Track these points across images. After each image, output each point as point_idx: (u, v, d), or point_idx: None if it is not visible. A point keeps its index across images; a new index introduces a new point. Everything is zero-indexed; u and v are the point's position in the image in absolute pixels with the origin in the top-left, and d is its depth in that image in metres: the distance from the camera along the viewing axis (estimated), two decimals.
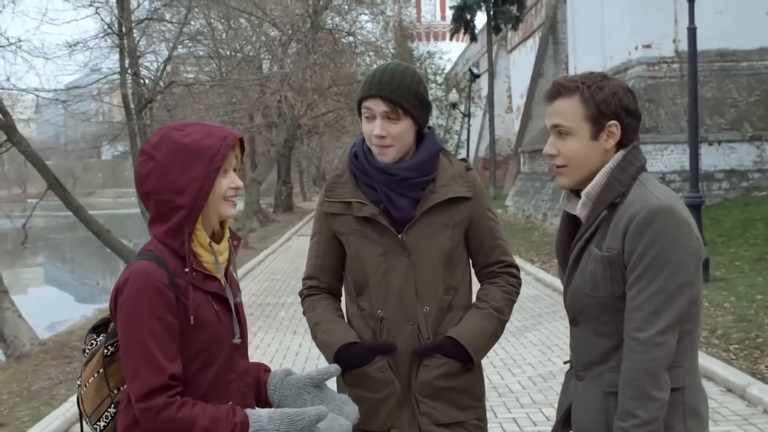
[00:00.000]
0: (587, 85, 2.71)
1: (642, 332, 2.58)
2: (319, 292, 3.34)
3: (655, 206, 2.62)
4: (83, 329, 13.04)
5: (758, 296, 10.81)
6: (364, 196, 3.17)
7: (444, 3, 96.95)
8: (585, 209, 2.75)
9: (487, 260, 3.32)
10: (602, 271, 2.68)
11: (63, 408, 7.61)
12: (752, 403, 7.19)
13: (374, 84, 3.12)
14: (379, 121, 3.10)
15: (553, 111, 2.74)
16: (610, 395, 2.68)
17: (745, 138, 21.41)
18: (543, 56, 43.41)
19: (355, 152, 3.25)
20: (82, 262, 40.30)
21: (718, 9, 21.42)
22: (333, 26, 31.32)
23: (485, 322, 3.19)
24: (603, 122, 2.69)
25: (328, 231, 3.28)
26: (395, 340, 3.13)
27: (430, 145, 3.23)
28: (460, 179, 3.23)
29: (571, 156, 2.73)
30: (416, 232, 3.13)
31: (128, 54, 17.21)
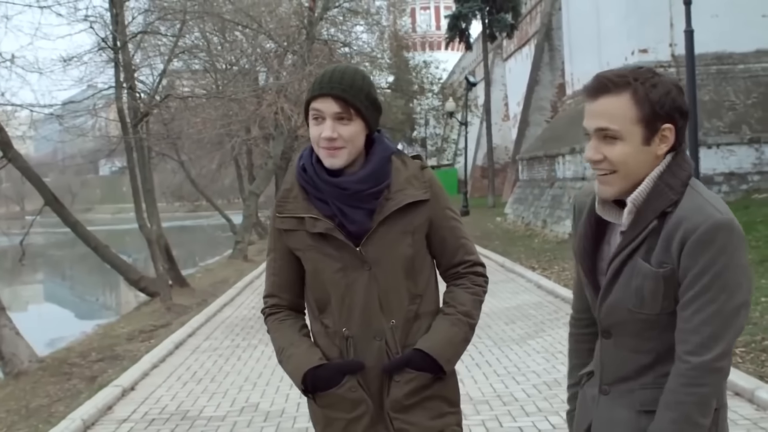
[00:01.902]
0: (640, 82, 2.39)
1: (697, 357, 2.39)
2: (281, 309, 3.20)
3: (718, 221, 2.38)
4: (82, 346, 13.01)
5: (762, 299, 10.71)
6: (317, 210, 3.00)
7: (439, 12, 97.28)
8: (630, 217, 2.47)
9: (452, 261, 3.18)
10: (653, 287, 2.43)
11: (62, 425, 7.51)
12: (761, 406, 7.07)
13: (324, 83, 2.95)
14: (329, 122, 2.92)
15: (598, 111, 2.42)
16: (643, 414, 2.52)
17: (743, 140, 21.40)
18: (539, 63, 43.46)
19: (303, 165, 3.08)
20: (80, 278, 40.20)
21: (714, 12, 21.47)
22: (328, 37, 31.30)
23: (454, 329, 3.06)
24: (657, 125, 2.40)
25: (283, 247, 3.12)
26: (363, 358, 3.02)
27: (381, 151, 3.06)
28: (415, 181, 3.07)
29: (621, 163, 2.41)
30: (375, 243, 2.99)
31: (123, 68, 17.14)
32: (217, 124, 25.06)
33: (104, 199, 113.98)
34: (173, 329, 13.10)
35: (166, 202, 54.91)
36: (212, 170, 40.11)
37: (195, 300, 17.13)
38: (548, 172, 27.92)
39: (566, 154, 24.39)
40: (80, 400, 8.57)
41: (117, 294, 30.64)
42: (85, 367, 10.71)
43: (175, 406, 8.51)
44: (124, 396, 8.87)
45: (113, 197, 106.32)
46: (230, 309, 15.82)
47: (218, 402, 8.60)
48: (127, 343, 12.36)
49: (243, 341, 12.04)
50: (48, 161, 63.43)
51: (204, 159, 36.18)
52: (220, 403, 8.54)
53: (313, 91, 2.97)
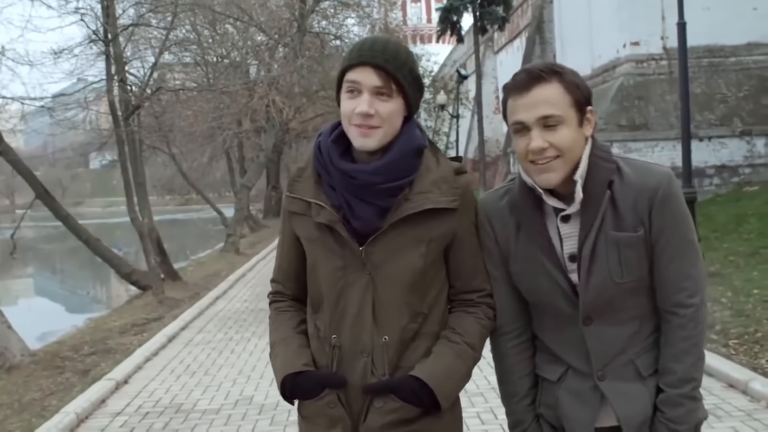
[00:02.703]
0: (562, 71, 2.53)
1: (696, 297, 2.59)
2: (284, 299, 2.93)
3: (670, 175, 2.58)
4: (74, 339, 12.96)
5: (755, 291, 10.75)
6: (325, 197, 2.69)
7: (429, 5, 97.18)
8: (580, 195, 2.53)
9: (468, 286, 2.81)
10: (635, 253, 2.55)
11: (55, 419, 7.49)
12: (755, 398, 7.11)
13: (365, 51, 2.61)
14: (367, 96, 2.59)
15: (537, 100, 2.48)
16: (648, 378, 2.63)
17: (735, 133, 21.44)
18: (530, 56, 43.38)
19: (320, 144, 2.76)
20: (71, 272, 40.15)
21: (706, 5, 21.50)
22: (320, 30, 31.23)
23: (459, 361, 2.71)
24: (584, 108, 2.55)
25: (290, 232, 2.83)
26: (347, 373, 2.67)
27: (406, 141, 2.69)
28: (444, 185, 2.69)
29: (566, 146, 2.49)
30: (381, 246, 2.64)
31: (114, 60, 17.07)
32: (209, 117, 25.03)
33: (95, 192, 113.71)
34: (166, 322, 13.07)
35: (157, 196, 54.77)
36: (203, 163, 40.01)
37: (187, 293, 17.10)
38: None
39: None
40: (73, 394, 8.55)
41: (107, 288, 30.60)
42: (77, 361, 10.68)
43: (169, 400, 8.49)
44: (118, 389, 8.85)
45: (104, 191, 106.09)
46: (223, 302, 15.81)
47: (212, 395, 8.59)
48: (119, 336, 12.33)
49: (236, 334, 12.02)
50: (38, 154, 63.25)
51: (195, 152, 36.08)
52: (214, 396, 8.53)
53: (351, 60, 2.63)
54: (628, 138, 21.28)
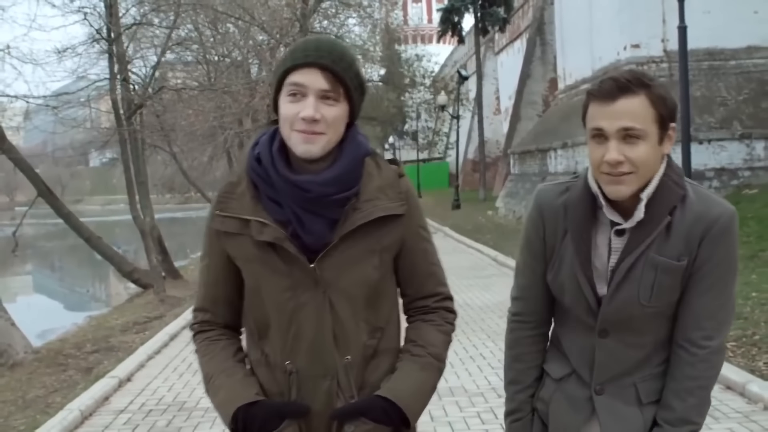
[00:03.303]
0: (651, 83, 2.41)
1: (713, 340, 2.52)
2: (214, 327, 2.66)
3: (732, 212, 2.50)
4: (77, 337, 13.05)
5: (753, 294, 10.82)
6: (266, 213, 2.45)
7: (431, 6, 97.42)
8: (639, 214, 2.46)
9: (421, 292, 2.68)
10: (671, 280, 2.48)
11: (59, 416, 7.55)
12: (752, 400, 7.19)
13: (311, 51, 2.41)
14: (312, 99, 2.38)
15: (621, 111, 2.37)
16: (647, 406, 2.59)
17: (734, 136, 21.47)
18: (531, 57, 43.55)
19: (258, 154, 2.50)
20: (71, 270, 40.22)
21: (706, 8, 21.59)
22: (321, 30, 31.29)
23: (424, 374, 2.58)
24: (667, 124, 2.44)
25: (220, 254, 2.57)
26: (308, 399, 2.50)
27: (354, 149, 2.52)
28: (390, 190, 2.54)
29: (642, 163, 2.39)
30: (333, 261, 2.45)
31: (117, 60, 17.15)
32: (210, 116, 25.06)
33: (94, 190, 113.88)
34: (167, 321, 13.14)
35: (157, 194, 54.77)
36: (204, 162, 40.00)
37: (188, 292, 17.16)
38: (540, 166, 28.02)
39: (558, 148, 24.50)
40: (77, 391, 8.61)
41: (107, 286, 30.69)
42: (80, 359, 10.76)
43: (171, 397, 8.56)
44: (121, 387, 8.92)
45: (103, 189, 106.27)
46: None
47: None
48: (121, 334, 12.41)
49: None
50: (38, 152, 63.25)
51: (196, 151, 36.06)
52: None
53: (295, 60, 2.41)
54: None
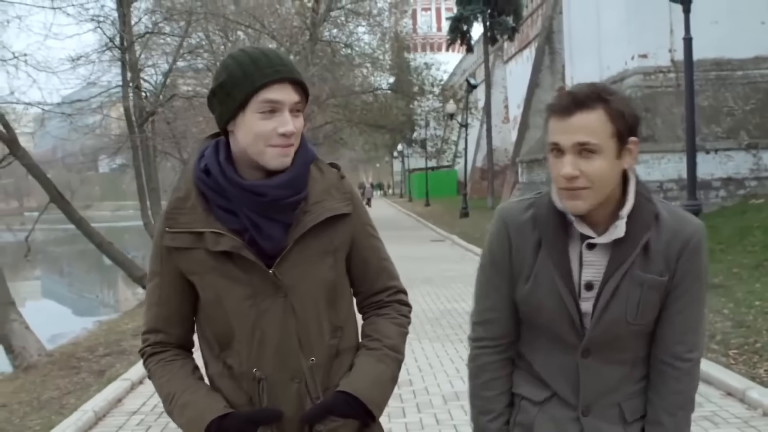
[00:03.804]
0: (610, 97, 2.39)
1: (694, 353, 2.57)
2: (167, 348, 2.61)
3: (702, 227, 2.56)
4: (89, 341, 13.22)
5: (756, 302, 10.95)
6: (220, 224, 2.45)
7: (440, 14, 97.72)
8: (619, 232, 2.45)
9: (373, 287, 2.72)
10: (655, 297, 2.50)
11: (74, 417, 7.72)
12: (752, 406, 7.31)
13: (279, 66, 2.40)
14: (287, 114, 2.40)
15: (576, 126, 2.36)
16: (632, 424, 2.59)
17: (741, 146, 21.63)
18: (540, 66, 43.64)
19: (206, 166, 2.49)
20: (80, 275, 40.49)
21: (714, 19, 21.65)
22: (331, 38, 31.52)
23: (381, 366, 2.61)
24: (626, 139, 2.41)
25: (172, 271, 2.53)
26: (279, 404, 2.50)
27: (304, 155, 2.53)
28: (335, 191, 2.58)
29: (598, 177, 2.37)
30: (291, 264, 2.48)
31: (129, 68, 17.40)
32: None
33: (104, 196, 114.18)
34: None
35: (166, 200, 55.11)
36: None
37: None
38: (548, 174, 28.02)
39: None
40: (90, 393, 8.78)
41: (115, 291, 30.90)
42: (92, 362, 10.92)
43: None
44: (133, 389, 9.07)
45: (113, 194, 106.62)
46: None
47: None
48: (132, 338, 12.55)
49: None
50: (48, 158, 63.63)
51: None
52: None
53: (267, 76, 2.38)
54: None
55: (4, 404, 8.99)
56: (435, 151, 63.58)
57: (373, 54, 36.60)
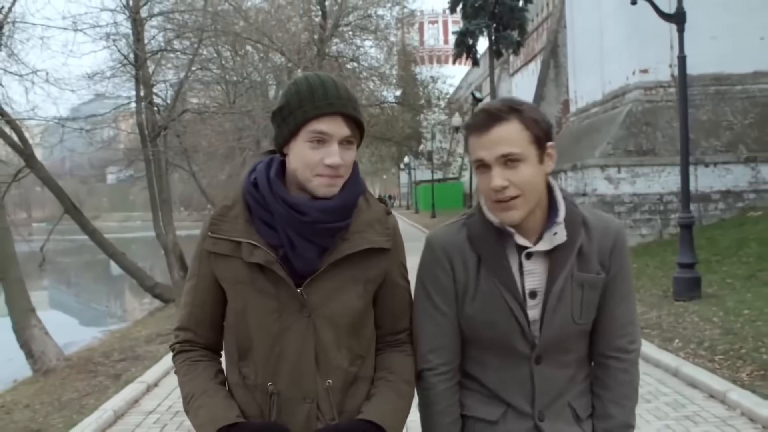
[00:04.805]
0: (521, 108, 2.51)
1: (636, 343, 2.69)
2: (195, 348, 2.71)
3: (623, 225, 2.75)
4: (104, 347, 13.72)
5: (745, 311, 11.35)
6: (258, 236, 2.53)
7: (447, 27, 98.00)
8: (560, 237, 2.58)
9: (396, 327, 2.76)
10: (594, 295, 2.62)
11: (95, 415, 8.21)
12: (731, 407, 7.79)
13: (334, 99, 2.48)
14: (336, 147, 2.48)
15: (496, 139, 2.47)
16: (585, 421, 2.69)
17: (740, 160, 21.93)
18: (545, 79, 44.10)
19: (255, 179, 2.59)
20: (88, 285, 40.92)
21: (713, 34, 22.04)
22: (337, 53, 31.96)
23: (401, 401, 2.65)
24: (544, 144, 2.53)
25: (209, 275, 2.63)
26: (289, 421, 2.54)
27: (355, 186, 2.60)
28: (378, 225, 2.65)
29: (527, 184, 2.49)
30: (320, 287, 2.53)
31: (143, 84, 17.91)
32: (230, 137, 25.74)
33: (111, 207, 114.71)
34: None
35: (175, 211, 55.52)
36: (222, 181, 40.76)
37: None
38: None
39: (568, 170, 24.96)
40: (108, 395, 9.26)
41: (122, 302, 31.30)
42: (109, 366, 11.38)
43: None
44: (149, 391, 9.54)
45: (120, 205, 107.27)
46: None
47: None
48: (146, 344, 13.02)
49: None
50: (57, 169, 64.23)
51: (214, 169, 36.84)
52: None
53: (319, 108, 2.47)
54: (635, 163, 21.90)
55: (28, 405, 9.47)
56: (441, 163, 63.95)
57: (380, 68, 37.02)
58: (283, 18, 27.82)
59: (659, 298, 13.55)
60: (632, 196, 21.88)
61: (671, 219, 20.52)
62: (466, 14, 44.87)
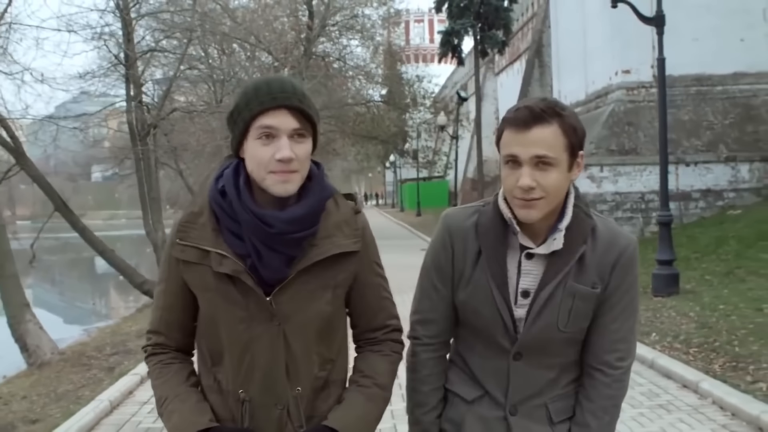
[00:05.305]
0: (564, 113, 2.51)
1: (626, 361, 2.68)
2: (167, 350, 2.70)
3: (635, 242, 2.70)
4: (96, 341, 13.97)
5: (721, 306, 11.73)
6: (226, 246, 2.52)
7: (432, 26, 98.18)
8: (557, 244, 2.59)
9: (371, 324, 2.76)
10: (586, 307, 2.62)
11: (92, 405, 8.49)
12: (703, 396, 8.17)
13: (278, 93, 2.45)
14: (285, 140, 2.44)
15: (534, 139, 2.46)
16: (559, 424, 2.71)
17: (720, 159, 22.35)
18: (529, 79, 44.41)
19: (223, 187, 2.56)
20: (72, 284, 41.01)
21: (695, 36, 22.45)
22: (324, 52, 32.17)
23: (370, 404, 2.65)
24: (576, 153, 2.54)
25: (177, 280, 2.61)
26: (260, 427, 2.57)
27: (320, 191, 2.59)
28: (346, 227, 2.62)
29: (553, 189, 2.50)
30: (290, 295, 2.52)
31: (133, 83, 18.14)
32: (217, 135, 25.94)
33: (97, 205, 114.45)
34: None
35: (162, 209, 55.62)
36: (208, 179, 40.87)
37: None
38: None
39: None
40: (104, 386, 9.53)
41: (108, 299, 31.47)
42: (102, 359, 11.64)
43: None
44: (143, 383, 9.76)
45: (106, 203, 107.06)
46: None
47: None
48: (137, 339, 13.24)
49: None
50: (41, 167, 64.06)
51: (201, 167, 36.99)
52: None
53: (263, 104, 2.45)
54: (617, 162, 22.25)
55: (25, 396, 9.78)
56: (426, 161, 64.16)
57: (366, 67, 37.24)
58: (270, 18, 28.01)
59: (639, 294, 13.84)
60: (614, 195, 22.21)
61: (652, 217, 20.83)
62: (452, 14, 45.07)
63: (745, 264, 14.83)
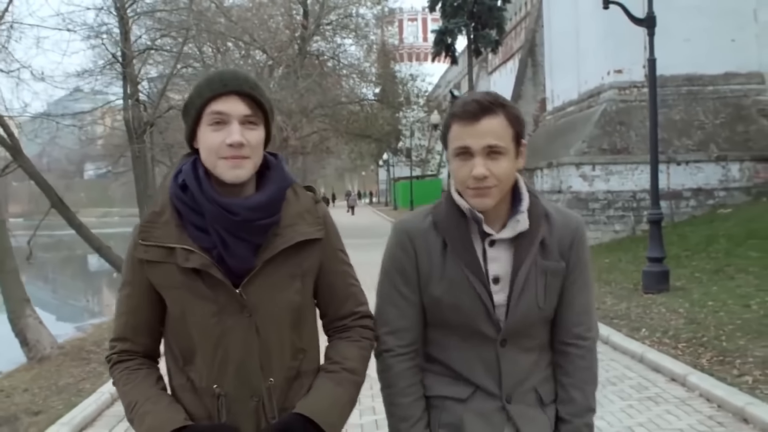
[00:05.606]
0: (507, 104, 2.64)
1: (592, 332, 2.80)
2: (133, 357, 2.65)
3: (582, 221, 2.85)
4: (94, 336, 14.14)
5: (710, 303, 11.94)
6: (191, 241, 2.51)
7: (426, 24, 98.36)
8: (522, 225, 2.68)
9: (339, 312, 2.76)
10: (557, 282, 2.72)
11: (93, 397, 8.69)
12: (690, 388, 8.40)
13: (229, 80, 2.50)
14: (236, 125, 2.47)
15: (485, 131, 2.57)
16: (549, 405, 2.78)
17: (711, 158, 22.53)
18: (522, 78, 44.65)
19: (183, 182, 2.56)
20: (65, 281, 41.07)
21: (687, 36, 22.64)
22: (318, 50, 32.32)
23: (339, 389, 2.63)
24: (520, 141, 2.66)
25: (143, 282, 2.58)
26: (237, 421, 2.56)
27: (281, 179, 2.62)
28: (308, 216, 2.65)
29: (504, 176, 2.62)
30: (258, 285, 2.53)
31: (130, 81, 18.29)
32: None
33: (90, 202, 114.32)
34: None
35: None
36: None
37: None
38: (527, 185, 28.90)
39: (544, 167, 25.43)
40: (104, 379, 9.67)
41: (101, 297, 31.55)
42: (101, 354, 11.74)
43: None
44: None
45: (100, 201, 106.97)
46: None
47: None
48: None
49: None
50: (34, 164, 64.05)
51: None
52: None
53: (214, 90, 2.48)
54: (609, 161, 22.46)
55: (26, 389, 9.93)
56: (420, 160, 64.39)
57: (360, 66, 37.41)
58: (265, 16, 28.17)
59: (629, 291, 14.11)
60: (606, 194, 22.42)
61: (644, 216, 20.98)
62: (445, 13, 45.33)
63: (734, 262, 15.02)
